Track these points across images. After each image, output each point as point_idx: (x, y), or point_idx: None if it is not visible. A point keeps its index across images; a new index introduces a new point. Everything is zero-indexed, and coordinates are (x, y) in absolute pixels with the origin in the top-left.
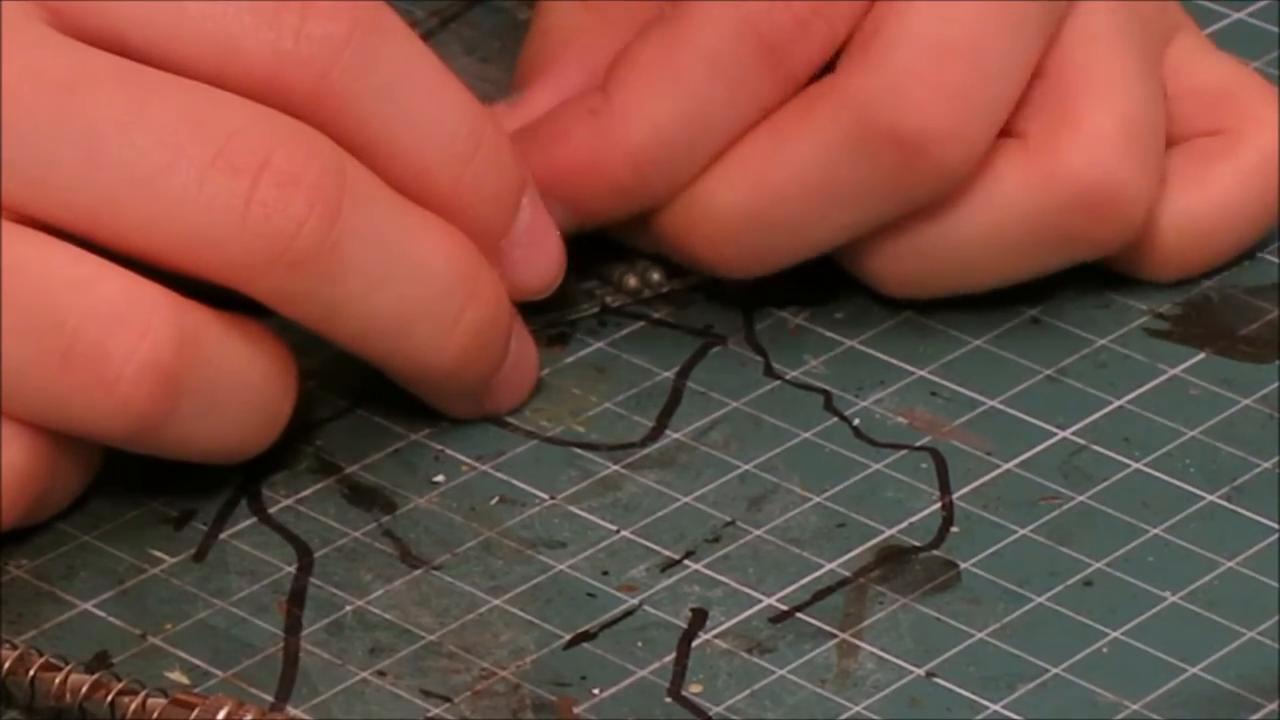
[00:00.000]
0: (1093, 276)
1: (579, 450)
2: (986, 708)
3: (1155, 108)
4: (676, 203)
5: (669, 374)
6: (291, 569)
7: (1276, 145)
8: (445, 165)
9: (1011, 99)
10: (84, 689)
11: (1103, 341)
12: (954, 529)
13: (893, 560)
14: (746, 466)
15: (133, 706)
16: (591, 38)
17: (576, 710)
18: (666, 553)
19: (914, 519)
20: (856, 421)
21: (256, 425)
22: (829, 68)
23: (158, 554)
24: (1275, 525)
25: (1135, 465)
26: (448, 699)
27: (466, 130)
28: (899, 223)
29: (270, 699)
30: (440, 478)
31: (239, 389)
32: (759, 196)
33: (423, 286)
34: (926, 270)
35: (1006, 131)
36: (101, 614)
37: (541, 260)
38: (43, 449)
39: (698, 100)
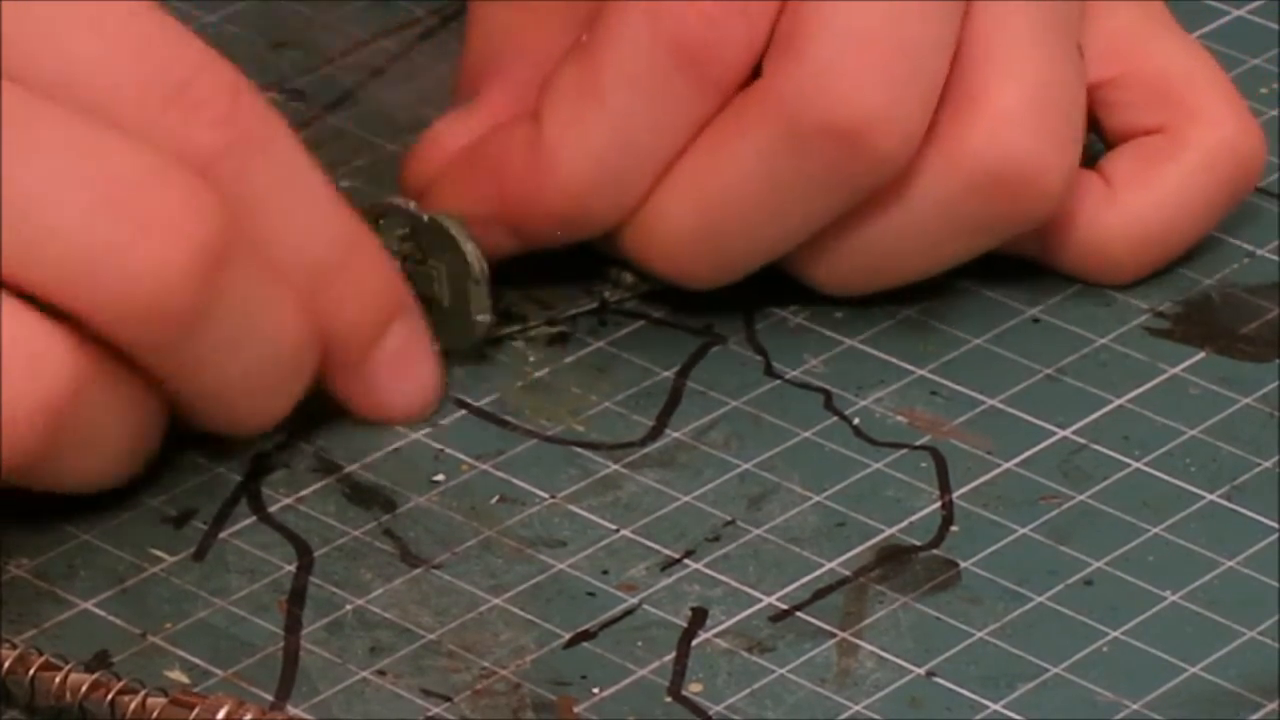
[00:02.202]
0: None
1: (579, 449)
2: (986, 707)
3: (1067, 75)
4: (630, 224)
5: (669, 373)
6: (291, 568)
7: (1221, 142)
8: (304, 281)
9: (940, 75)
10: (84, 688)
11: (1103, 340)
12: (954, 528)
13: (893, 559)
14: (746, 466)
15: (132, 706)
16: (534, 34)
17: (576, 710)
18: (666, 552)
19: (914, 518)
20: (856, 421)
21: (127, 461)
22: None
23: (158, 553)
24: (1275, 525)
25: (1135, 464)
26: (448, 698)
27: (331, 254)
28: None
29: (270, 698)
30: (440, 477)
31: (118, 428)
32: (707, 209)
33: (269, 358)
34: (858, 267)
35: None
36: (101, 613)
37: (407, 388)
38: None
39: (625, 124)
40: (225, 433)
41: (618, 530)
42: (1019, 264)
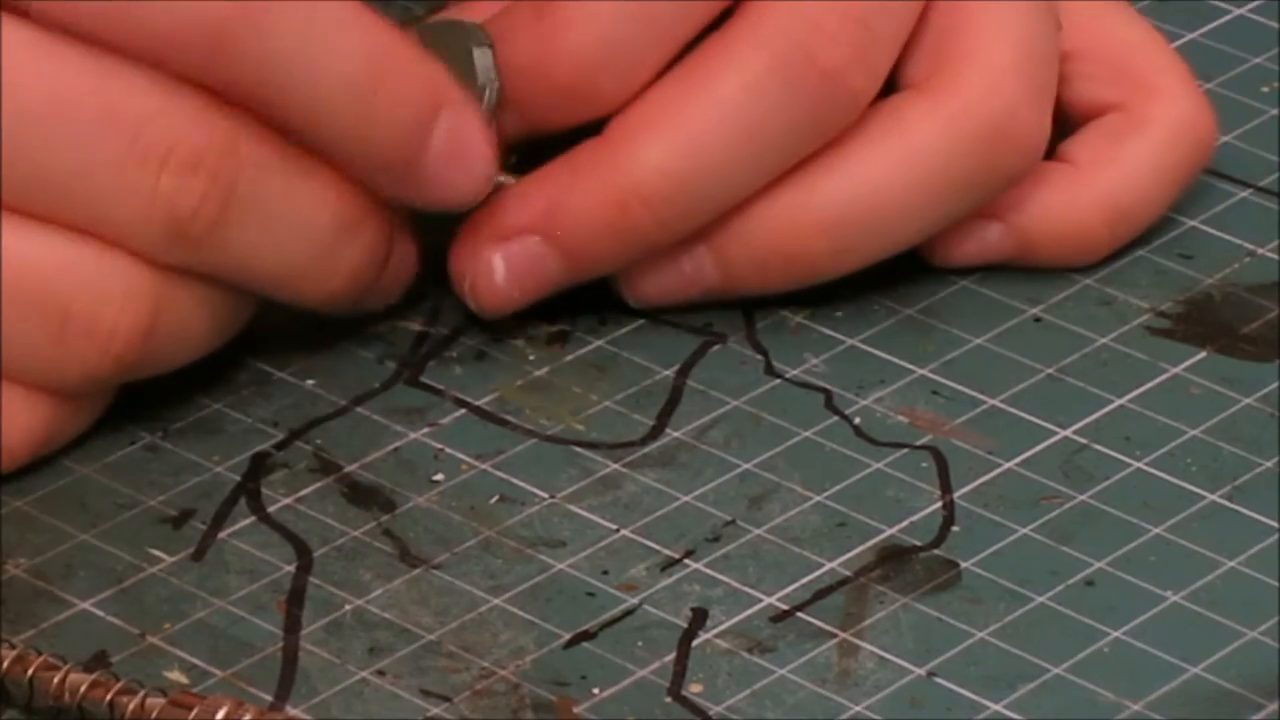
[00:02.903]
0: (1092, 276)
1: (579, 449)
2: (987, 707)
3: (1047, 40)
4: (616, 162)
5: (669, 372)
6: (291, 568)
7: (1181, 118)
8: (342, 111)
9: (905, 29)
10: (83, 688)
11: (1104, 340)
12: (955, 528)
13: (893, 559)
14: (747, 465)
15: (131, 706)
16: None
17: (576, 710)
18: (667, 552)
19: (915, 518)
20: (857, 420)
21: (222, 332)
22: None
23: (156, 553)
24: (1276, 525)
25: (1136, 464)
26: (447, 698)
27: (364, 72)
28: (818, 189)
29: (269, 698)
30: (440, 477)
31: (202, 318)
32: (686, 146)
33: (305, 244)
34: (853, 231)
35: (904, 85)
36: (100, 613)
37: (460, 174)
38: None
39: (641, 7)
40: (309, 305)
41: (618, 530)
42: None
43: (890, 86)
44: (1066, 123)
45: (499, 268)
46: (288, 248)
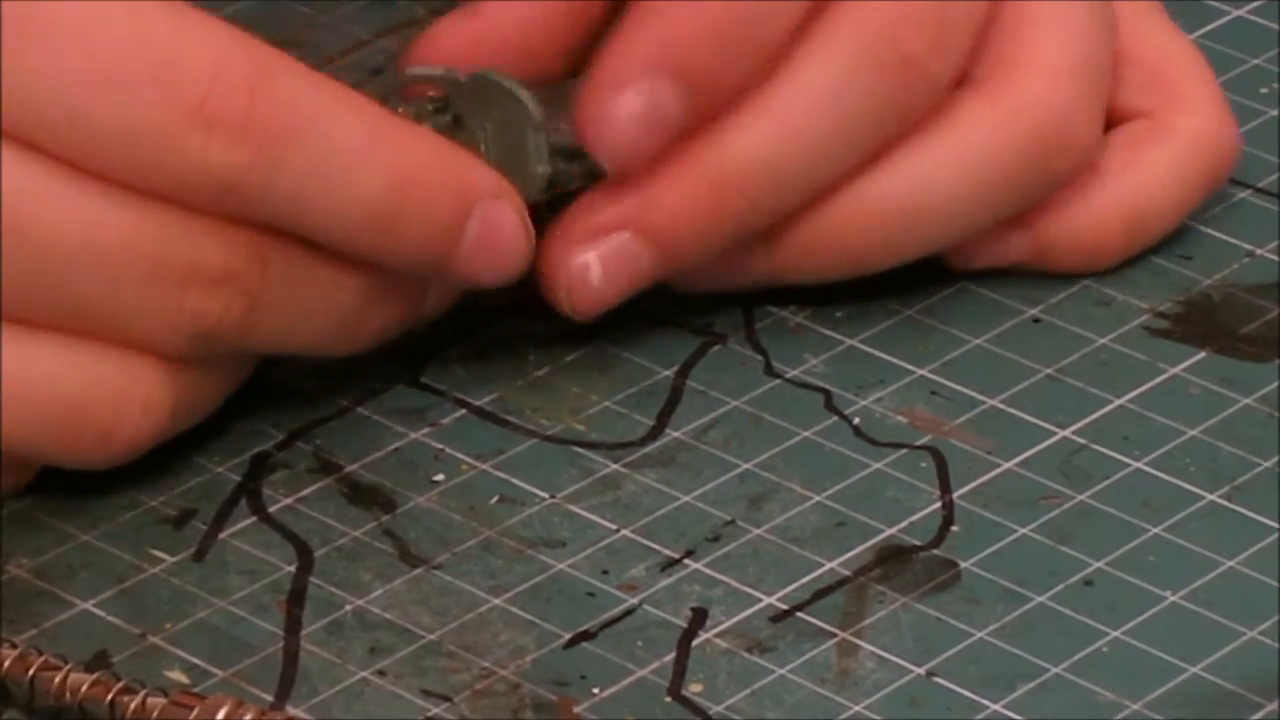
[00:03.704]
0: (1092, 276)
1: (579, 449)
2: (986, 707)
3: (1104, 44)
4: (708, 151)
5: (669, 373)
6: (291, 568)
7: (1204, 132)
8: (368, 234)
9: (978, 20)
10: (84, 688)
11: (1103, 340)
12: (954, 528)
13: (893, 559)
14: (746, 465)
15: (132, 706)
16: None
17: (576, 710)
18: (666, 552)
19: (914, 518)
20: (857, 420)
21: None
22: None
23: (157, 553)
24: (1275, 525)
25: (1135, 464)
26: (448, 698)
27: (387, 197)
28: (873, 182)
29: (270, 698)
30: (440, 477)
31: (218, 387)
32: (781, 134)
33: (330, 322)
34: (903, 223)
35: (963, 81)
36: (101, 613)
37: (498, 261)
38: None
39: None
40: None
41: (618, 530)
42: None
43: None
44: None
45: (595, 268)
46: (313, 329)
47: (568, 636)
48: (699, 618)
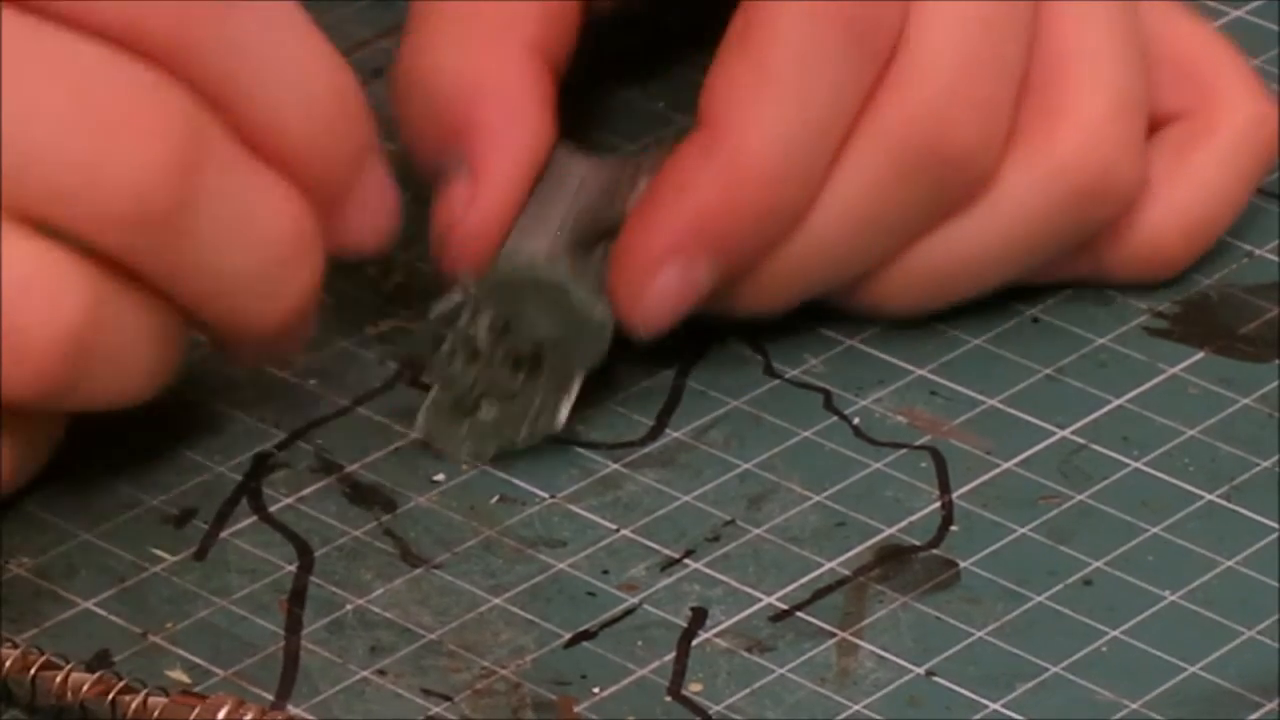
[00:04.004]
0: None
1: (579, 449)
2: (986, 707)
3: (1140, 80)
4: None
5: (669, 372)
6: (292, 568)
7: (1247, 123)
8: (304, 125)
9: (1013, 96)
10: (85, 688)
11: (1102, 340)
12: (953, 528)
13: (892, 559)
14: (746, 465)
15: (133, 705)
16: (499, 73)
17: (576, 710)
18: (666, 552)
19: (914, 518)
20: (856, 420)
21: (153, 376)
22: None
23: (158, 553)
24: (1275, 524)
25: (1135, 464)
26: (448, 698)
27: (329, 91)
28: (914, 255)
29: (271, 698)
30: (440, 476)
31: (139, 343)
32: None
33: (263, 251)
34: (935, 286)
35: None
36: (102, 613)
37: (377, 220)
38: None
39: (804, 101)
40: (243, 338)
41: (618, 530)
42: None
43: None
44: None
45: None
46: (245, 251)
47: (568, 636)
48: (699, 617)
